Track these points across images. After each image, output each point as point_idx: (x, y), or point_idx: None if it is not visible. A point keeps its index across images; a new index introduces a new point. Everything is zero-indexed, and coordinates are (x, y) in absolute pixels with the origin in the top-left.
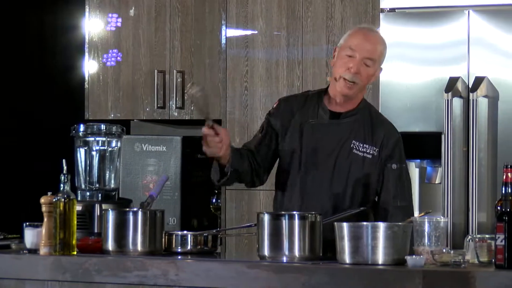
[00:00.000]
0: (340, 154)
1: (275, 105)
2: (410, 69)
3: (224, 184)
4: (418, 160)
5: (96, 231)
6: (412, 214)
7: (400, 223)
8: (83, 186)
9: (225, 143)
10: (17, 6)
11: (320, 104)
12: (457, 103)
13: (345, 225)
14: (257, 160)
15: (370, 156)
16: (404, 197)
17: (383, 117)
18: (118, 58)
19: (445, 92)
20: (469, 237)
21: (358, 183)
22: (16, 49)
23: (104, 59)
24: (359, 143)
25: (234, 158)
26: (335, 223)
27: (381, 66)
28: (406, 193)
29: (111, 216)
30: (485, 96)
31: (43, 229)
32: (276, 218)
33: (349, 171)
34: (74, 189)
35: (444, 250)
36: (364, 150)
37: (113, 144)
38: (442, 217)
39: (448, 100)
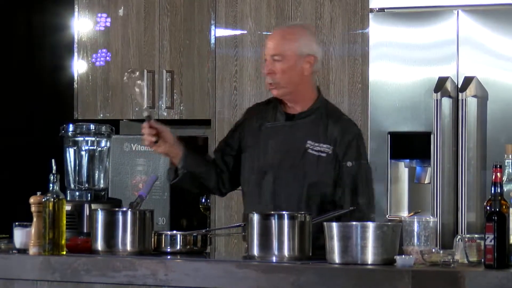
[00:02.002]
0: (296, 155)
1: (242, 115)
2: (399, 69)
3: (179, 185)
4: (408, 160)
5: (85, 231)
6: (371, 212)
7: (389, 223)
8: (72, 186)
9: (167, 140)
10: (5, 5)
11: (278, 107)
12: (446, 103)
13: (334, 225)
14: (221, 167)
15: (324, 155)
16: (360, 195)
17: (340, 113)
18: (107, 58)
19: (434, 92)
20: (459, 237)
21: (315, 183)
22: (4, 49)
23: (93, 59)
24: (314, 143)
25: (188, 160)
26: (324, 223)
27: (313, 55)
28: (363, 190)
29: (100, 216)
30: (474, 96)
31: (33, 229)
32: (265, 218)
33: (305, 171)
34: (63, 189)
35: (433, 250)
36: (319, 149)
37: (102, 144)
38: (431, 217)
39: (437, 100)
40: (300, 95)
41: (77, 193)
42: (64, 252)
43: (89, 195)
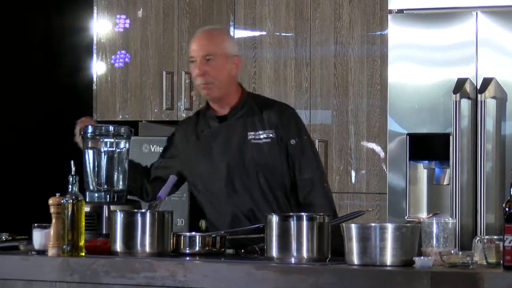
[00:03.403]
0: (242, 149)
1: (174, 129)
2: (418, 70)
3: None
4: (426, 161)
5: (104, 232)
6: (323, 183)
7: (408, 224)
8: (91, 187)
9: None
10: (25, 7)
11: (207, 115)
12: (465, 104)
13: (353, 226)
14: (154, 182)
15: (269, 140)
16: (308, 169)
17: (271, 100)
18: (126, 59)
19: (453, 93)
20: (477, 238)
21: (268, 170)
22: (24, 51)
23: (112, 60)
24: (255, 133)
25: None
26: (343, 224)
27: (238, 56)
28: (310, 164)
29: (119, 217)
30: (493, 97)
31: (51, 230)
32: (284, 219)
33: (256, 162)
34: (82, 190)
35: (452, 251)
36: (262, 137)
37: (122, 145)
38: (450, 218)
39: (456, 101)
40: (228, 96)
41: (96, 195)
42: (83, 254)
43: (108, 196)
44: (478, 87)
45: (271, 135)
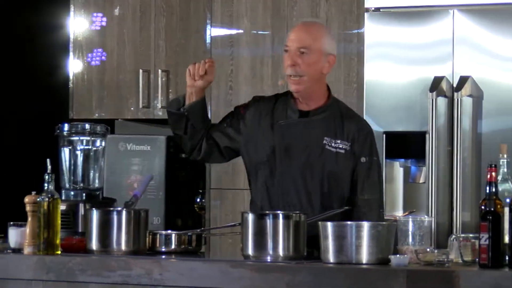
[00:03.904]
0: (313, 151)
1: (247, 103)
2: (395, 68)
3: (173, 123)
4: (403, 160)
5: (80, 230)
6: (379, 208)
7: (384, 223)
8: (67, 186)
9: (209, 77)
10: (1, 5)
11: (288, 104)
12: (442, 102)
13: (329, 224)
14: (208, 137)
15: (343, 151)
16: (370, 191)
17: (353, 112)
18: (103, 57)
19: (430, 92)
20: (453, 236)
21: (333, 179)
22: (0, 49)
23: (89, 59)
24: (331, 139)
25: (197, 107)
26: (319, 222)
27: (333, 55)
28: (373, 186)
29: (95, 216)
30: (469, 96)
31: (27, 229)
32: (260, 218)
33: (324, 167)
34: (58, 188)
35: (428, 249)
36: (337, 145)
37: (98, 143)
38: (426, 217)
39: (432, 100)
40: (315, 93)
41: (72, 193)
42: (59, 252)
43: (84, 194)
44: (455, 86)
45: (346, 147)
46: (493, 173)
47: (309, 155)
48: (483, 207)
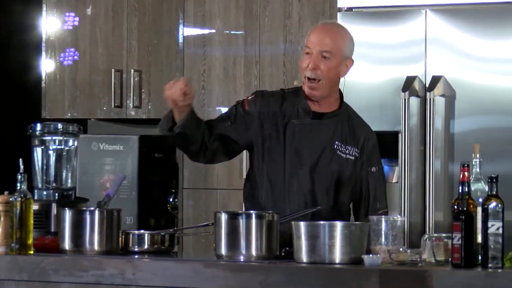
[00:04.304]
0: (324, 154)
1: (250, 98)
2: (367, 68)
3: (168, 139)
4: None
5: (52, 230)
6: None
7: (357, 222)
8: (39, 185)
9: (190, 95)
10: None
11: (299, 103)
12: (414, 102)
13: (302, 224)
14: (212, 139)
15: (352, 158)
16: (382, 200)
17: (361, 119)
18: (75, 57)
19: (402, 91)
20: (426, 236)
21: (341, 184)
22: None
23: (61, 58)
24: (341, 144)
25: (189, 121)
26: (292, 222)
27: (351, 58)
28: (384, 195)
29: (67, 216)
30: (442, 95)
31: (0, 229)
32: (233, 217)
33: (332, 172)
34: (30, 188)
35: (401, 249)
36: (347, 151)
37: (70, 143)
38: (399, 216)
39: (405, 99)
40: (330, 97)
41: (45, 193)
42: (32, 252)
43: (56, 194)
44: (427, 85)
45: (356, 154)
46: (466, 173)
47: (319, 157)
48: (455, 207)
